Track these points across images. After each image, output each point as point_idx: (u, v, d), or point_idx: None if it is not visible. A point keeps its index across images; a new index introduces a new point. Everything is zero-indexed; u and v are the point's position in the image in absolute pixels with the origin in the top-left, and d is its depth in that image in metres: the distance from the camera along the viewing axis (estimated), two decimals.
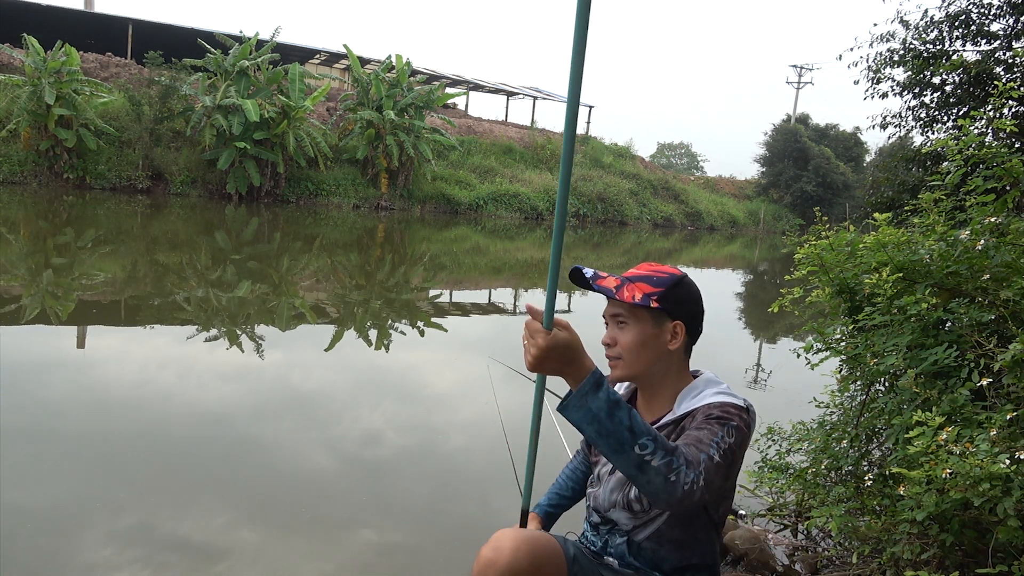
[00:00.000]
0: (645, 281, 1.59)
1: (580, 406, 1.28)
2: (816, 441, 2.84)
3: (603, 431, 1.28)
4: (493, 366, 4.56)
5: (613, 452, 1.29)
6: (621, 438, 1.28)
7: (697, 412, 1.53)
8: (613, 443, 1.28)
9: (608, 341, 1.62)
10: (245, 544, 2.88)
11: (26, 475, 3.30)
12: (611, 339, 1.61)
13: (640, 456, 1.27)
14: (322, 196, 24.11)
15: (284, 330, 6.97)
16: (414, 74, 27.82)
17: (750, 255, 24.90)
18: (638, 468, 1.28)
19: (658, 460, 1.28)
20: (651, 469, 1.27)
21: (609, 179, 32.04)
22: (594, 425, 1.28)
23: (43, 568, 2.59)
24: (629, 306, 1.58)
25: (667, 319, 1.59)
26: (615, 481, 1.65)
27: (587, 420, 1.28)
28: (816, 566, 2.84)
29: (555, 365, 1.29)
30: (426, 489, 3.56)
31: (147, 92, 21.18)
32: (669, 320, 1.59)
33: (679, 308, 1.59)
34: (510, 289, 11.89)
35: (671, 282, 1.60)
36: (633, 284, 1.59)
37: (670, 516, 1.58)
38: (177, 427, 4.08)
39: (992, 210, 2.45)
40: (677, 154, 75.67)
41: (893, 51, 7.36)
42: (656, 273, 1.61)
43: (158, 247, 12.16)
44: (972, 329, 2.25)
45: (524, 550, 1.52)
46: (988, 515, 1.83)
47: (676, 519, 1.58)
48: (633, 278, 1.60)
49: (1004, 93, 2.52)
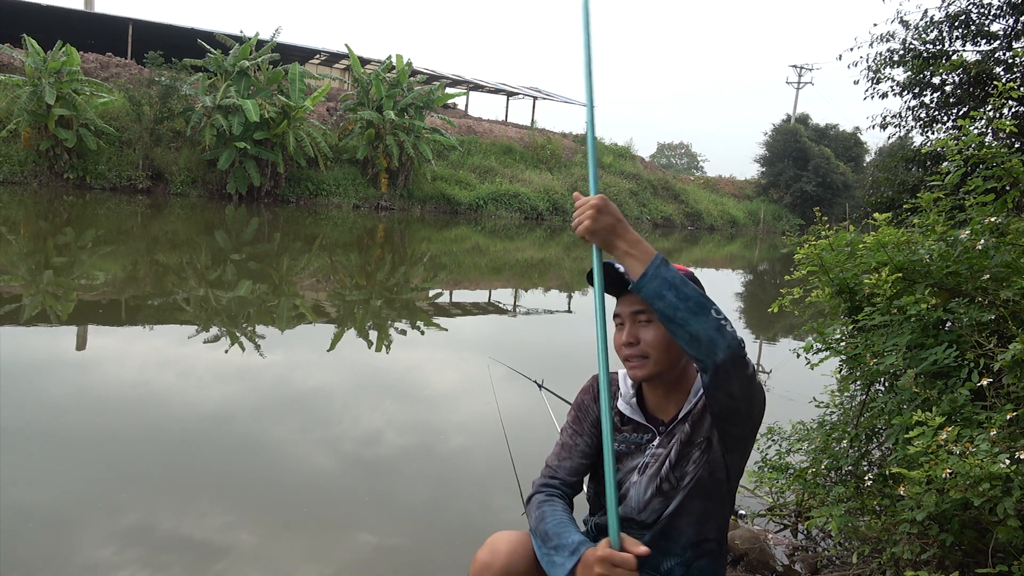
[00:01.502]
0: None
1: (657, 275, 1.39)
2: (816, 441, 2.84)
3: (683, 295, 1.39)
4: (493, 366, 4.57)
5: (693, 313, 1.38)
6: (701, 301, 1.40)
7: None
8: (693, 305, 1.38)
9: (631, 339, 1.58)
10: (245, 544, 2.88)
11: (27, 475, 3.30)
12: (633, 337, 1.57)
13: (718, 319, 1.40)
14: (322, 196, 24.11)
15: (284, 330, 6.98)
16: (414, 74, 27.81)
17: (750, 255, 24.90)
18: (717, 328, 1.39)
19: (730, 327, 1.42)
20: (726, 331, 1.40)
21: (609, 179, 32.04)
22: (673, 291, 1.38)
23: (43, 568, 2.59)
24: None
25: None
26: (647, 479, 1.62)
27: (666, 287, 1.39)
28: (816, 566, 2.84)
29: (610, 221, 1.44)
30: (426, 489, 3.56)
31: (147, 92, 21.18)
32: None
33: None
34: (510, 289, 11.89)
35: (688, 276, 1.59)
36: None
37: (692, 488, 1.57)
38: (177, 427, 4.08)
39: (992, 210, 2.45)
40: (677, 154, 75.64)
41: (893, 51, 7.35)
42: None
43: (158, 247, 12.17)
44: (972, 329, 2.25)
45: (520, 552, 1.52)
46: (988, 515, 1.83)
47: (698, 486, 1.57)
48: None
49: (1004, 93, 2.52)
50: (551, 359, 6.52)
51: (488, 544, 1.55)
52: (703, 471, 1.57)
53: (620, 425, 1.70)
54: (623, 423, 1.70)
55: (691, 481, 1.58)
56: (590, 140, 1.60)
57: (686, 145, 76.61)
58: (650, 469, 1.63)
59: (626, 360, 1.59)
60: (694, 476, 1.58)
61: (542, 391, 3.81)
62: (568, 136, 35.17)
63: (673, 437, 1.61)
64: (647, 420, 1.67)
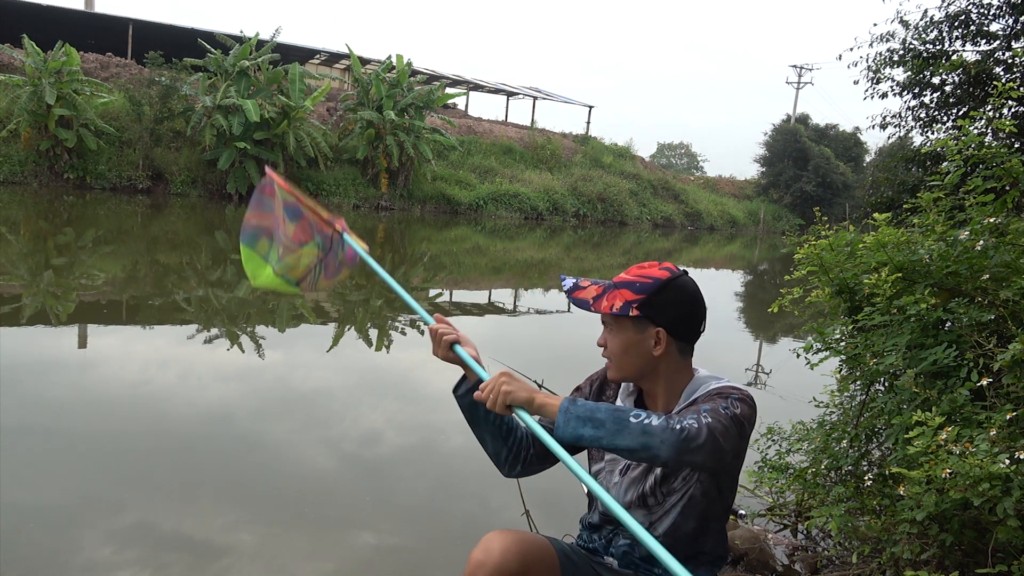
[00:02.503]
0: (628, 287, 1.59)
1: (568, 418, 1.39)
2: (816, 441, 2.84)
3: (599, 422, 1.37)
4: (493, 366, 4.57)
5: (616, 435, 1.36)
6: (617, 418, 1.37)
7: (701, 399, 1.56)
8: (612, 427, 1.37)
9: (601, 343, 1.65)
10: (245, 543, 2.88)
11: (27, 474, 3.30)
12: (603, 341, 1.65)
13: (639, 423, 1.37)
14: (322, 196, 24.10)
15: (284, 330, 6.98)
16: (414, 74, 27.81)
17: (750, 255, 24.91)
18: (643, 433, 1.36)
19: (656, 420, 1.38)
20: (653, 429, 1.36)
21: (609, 179, 32.03)
22: (589, 425, 1.38)
23: (44, 567, 2.59)
24: (610, 314, 1.59)
25: (650, 325, 1.57)
26: (628, 481, 1.65)
27: (580, 424, 1.38)
28: (816, 566, 2.84)
29: (522, 395, 1.46)
30: (426, 489, 3.57)
31: (147, 92, 21.17)
32: (652, 326, 1.57)
33: (662, 314, 1.57)
34: (510, 289, 11.89)
35: (654, 288, 1.57)
36: (615, 291, 1.59)
37: (684, 506, 1.58)
38: (178, 427, 4.08)
39: (992, 210, 2.45)
40: (677, 154, 75.65)
41: (893, 51, 7.36)
42: (641, 278, 1.59)
43: (158, 247, 12.17)
44: (972, 329, 2.25)
45: (514, 551, 1.53)
46: (988, 515, 1.83)
47: (689, 504, 1.58)
48: (619, 284, 1.60)
49: (1004, 93, 2.52)
50: (551, 359, 6.52)
51: (482, 543, 1.55)
52: (694, 489, 1.58)
53: None
54: None
55: (681, 499, 1.59)
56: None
57: (686, 145, 76.65)
58: (632, 471, 1.64)
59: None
60: (684, 494, 1.58)
61: (542, 391, 3.80)
62: (568, 136, 35.18)
63: None
64: None
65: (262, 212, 2.01)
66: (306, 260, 2.00)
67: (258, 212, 2.01)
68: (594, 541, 1.73)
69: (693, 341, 1.64)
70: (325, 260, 2.01)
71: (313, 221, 1.98)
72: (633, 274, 1.61)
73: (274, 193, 1.99)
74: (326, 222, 1.98)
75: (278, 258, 1.99)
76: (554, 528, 2.37)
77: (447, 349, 1.65)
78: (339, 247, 2.00)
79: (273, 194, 2.00)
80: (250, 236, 2.01)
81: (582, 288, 1.62)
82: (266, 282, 2.01)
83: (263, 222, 2.01)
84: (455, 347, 1.64)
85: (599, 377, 1.80)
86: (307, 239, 1.99)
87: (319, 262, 2.01)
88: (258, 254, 2.02)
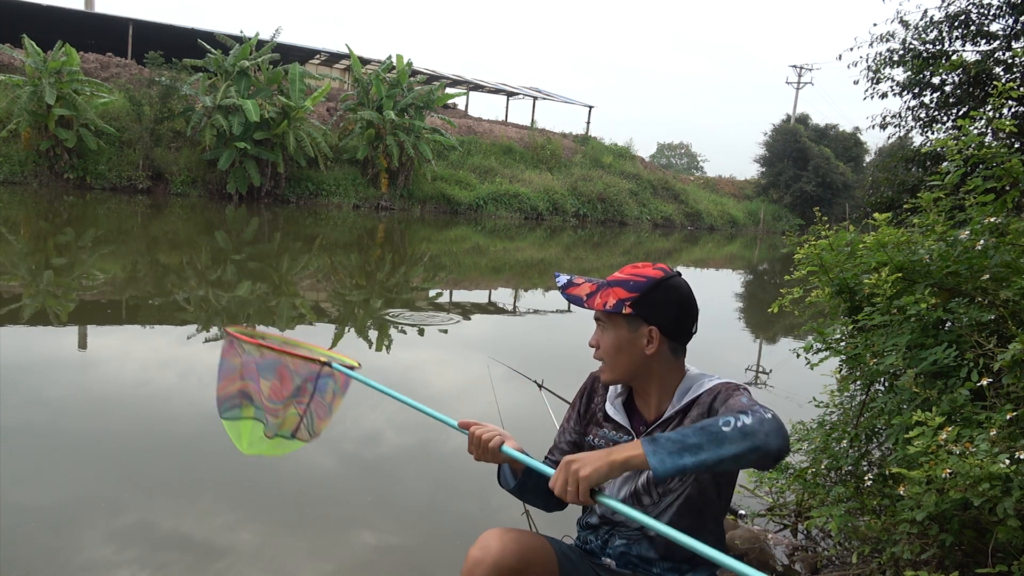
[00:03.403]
0: (622, 286, 1.59)
1: (661, 459, 1.29)
2: (816, 441, 2.84)
3: (695, 447, 1.29)
4: (493, 366, 4.57)
5: (719, 449, 1.29)
6: (710, 434, 1.30)
7: (702, 399, 1.57)
8: (711, 446, 1.29)
9: (593, 343, 1.65)
10: (245, 543, 2.88)
11: (27, 474, 3.30)
12: (595, 341, 1.64)
13: (734, 429, 1.30)
14: (322, 196, 24.11)
15: (284, 330, 6.98)
16: (414, 74, 27.81)
17: (750, 255, 24.91)
18: (744, 436, 1.30)
19: (746, 418, 1.32)
20: (751, 427, 1.30)
21: (609, 179, 32.03)
22: (686, 454, 1.29)
23: (44, 568, 2.59)
24: (604, 311, 1.59)
25: (642, 324, 1.58)
26: (621, 481, 1.66)
27: (676, 458, 1.29)
28: (816, 566, 2.84)
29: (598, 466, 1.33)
30: (426, 489, 3.57)
31: (147, 92, 21.18)
32: (644, 325, 1.58)
33: (654, 313, 1.58)
34: (510, 289, 11.89)
35: (648, 286, 1.58)
36: (609, 289, 1.60)
37: (680, 505, 1.59)
38: (178, 426, 4.08)
39: (992, 210, 2.45)
40: (677, 154, 75.64)
41: (893, 51, 7.36)
42: (635, 277, 1.60)
43: (158, 247, 12.17)
44: (972, 329, 2.25)
45: (512, 548, 1.53)
46: (988, 515, 1.83)
47: (686, 504, 1.59)
48: (613, 282, 1.61)
49: (1004, 93, 2.52)
50: (551, 359, 6.52)
51: (480, 541, 1.56)
52: (691, 489, 1.58)
53: (602, 421, 1.73)
54: (605, 419, 1.73)
55: (677, 499, 1.59)
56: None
57: (686, 145, 76.64)
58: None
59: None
60: (680, 494, 1.59)
61: (542, 391, 3.81)
62: (568, 136, 35.18)
63: None
64: (630, 422, 1.68)
65: (230, 377, 1.89)
66: (293, 410, 1.87)
67: (227, 379, 1.89)
68: (591, 542, 1.73)
69: (685, 341, 1.64)
70: (311, 405, 1.86)
71: (291, 366, 1.85)
72: (627, 273, 1.62)
73: (237, 353, 1.87)
74: (307, 358, 1.84)
75: (265, 421, 1.87)
76: (553, 529, 2.37)
77: (495, 453, 1.56)
78: (328, 380, 1.85)
79: (236, 355, 1.87)
80: (228, 407, 1.90)
81: (576, 285, 1.63)
82: (260, 449, 1.90)
83: (234, 387, 1.89)
84: (504, 448, 1.55)
85: (585, 389, 1.81)
86: (288, 391, 1.86)
87: (307, 409, 1.86)
88: (244, 418, 1.90)
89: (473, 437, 1.59)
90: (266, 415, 1.86)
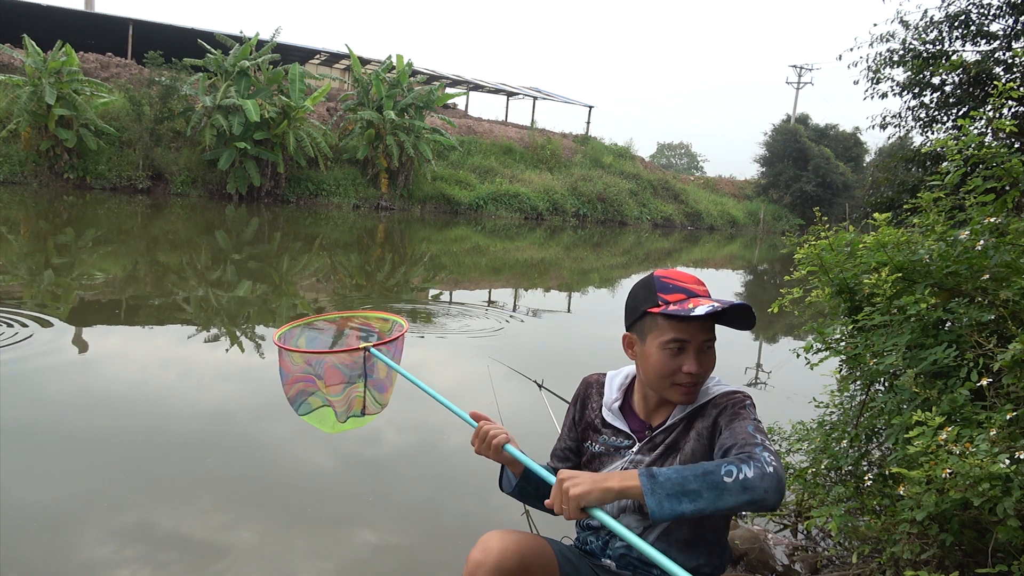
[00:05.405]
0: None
1: (659, 500, 1.29)
2: (816, 441, 2.84)
3: (694, 494, 1.30)
4: (493, 366, 4.57)
5: (717, 500, 1.30)
6: (711, 483, 1.30)
7: (708, 412, 1.56)
8: (710, 495, 1.30)
9: (700, 368, 1.56)
10: (245, 542, 2.88)
11: (27, 475, 3.30)
12: (701, 366, 1.56)
13: (736, 481, 1.30)
14: (322, 196, 24.12)
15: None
16: (414, 74, 27.82)
17: (750, 255, 24.90)
18: (744, 490, 1.30)
19: (748, 470, 1.32)
20: (752, 482, 1.31)
21: (609, 179, 32.04)
22: (685, 500, 1.29)
23: (44, 567, 2.59)
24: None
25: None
26: None
27: (675, 502, 1.30)
28: (816, 566, 2.84)
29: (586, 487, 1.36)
30: (425, 488, 3.57)
31: (147, 92, 21.19)
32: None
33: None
34: (510, 289, 11.89)
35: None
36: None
37: None
38: (178, 426, 4.08)
39: (992, 210, 2.45)
40: (677, 154, 75.64)
41: (893, 51, 7.37)
42: None
43: (158, 247, 12.17)
44: (972, 329, 2.25)
45: (512, 550, 1.53)
46: (988, 515, 1.83)
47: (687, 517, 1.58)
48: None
49: (1004, 93, 2.52)
50: (551, 359, 6.52)
51: (481, 543, 1.56)
52: None
53: (601, 427, 1.72)
54: (604, 425, 1.72)
55: None
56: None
57: (686, 145, 76.65)
58: None
59: (681, 386, 1.56)
60: None
61: (542, 391, 3.81)
62: (568, 136, 35.18)
63: (656, 447, 1.62)
64: (630, 426, 1.68)
65: (290, 380, 2.09)
66: (356, 394, 2.07)
67: (288, 383, 2.09)
68: (591, 543, 1.73)
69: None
70: (367, 385, 2.07)
71: (336, 362, 2.05)
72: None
73: (287, 362, 2.08)
74: (349, 350, 2.05)
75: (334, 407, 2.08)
76: (553, 529, 2.37)
77: (498, 451, 1.61)
78: (376, 361, 2.06)
79: (288, 363, 2.08)
80: (299, 404, 2.10)
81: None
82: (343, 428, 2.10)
83: (296, 387, 2.09)
84: (507, 447, 1.59)
85: (578, 396, 1.81)
86: (341, 382, 2.06)
87: (365, 390, 2.06)
88: (316, 408, 2.10)
89: (480, 430, 1.63)
90: (333, 404, 2.05)
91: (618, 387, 1.73)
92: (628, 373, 1.75)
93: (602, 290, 12.81)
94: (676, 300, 1.54)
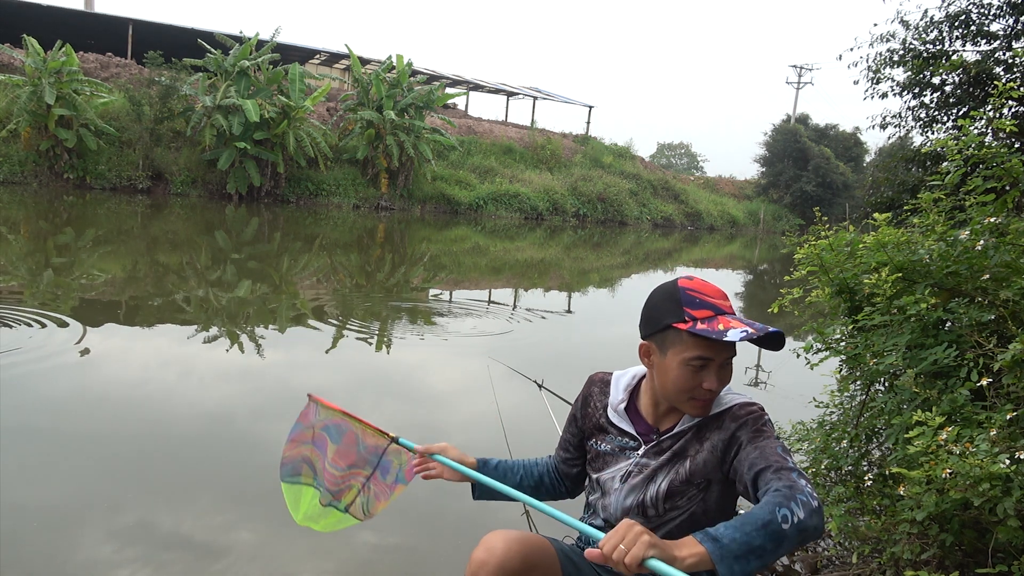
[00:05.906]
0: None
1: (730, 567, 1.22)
2: (816, 441, 2.84)
3: (760, 551, 1.24)
4: (493, 366, 4.57)
5: (778, 549, 1.26)
6: (771, 534, 1.25)
7: (725, 424, 1.54)
8: (773, 547, 1.25)
9: (719, 384, 1.54)
10: (245, 543, 2.88)
11: (27, 474, 3.30)
12: (720, 382, 1.54)
13: (792, 527, 1.27)
14: (322, 196, 24.12)
15: (284, 330, 6.98)
16: (414, 74, 27.82)
17: (750, 255, 24.90)
18: (800, 532, 1.28)
19: (799, 510, 1.29)
20: (805, 523, 1.28)
21: (609, 179, 32.04)
22: (752, 557, 1.24)
23: (44, 568, 2.59)
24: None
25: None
26: (628, 488, 1.64)
27: (745, 563, 1.23)
28: (816, 566, 2.84)
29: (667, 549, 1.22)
30: (425, 488, 3.56)
31: (147, 92, 21.19)
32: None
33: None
34: (510, 289, 11.89)
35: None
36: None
37: (684, 521, 1.59)
38: (178, 426, 4.08)
39: (992, 210, 2.45)
40: (677, 154, 75.62)
41: (893, 51, 7.37)
42: None
43: (158, 247, 12.17)
44: (972, 329, 2.25)
45: (515, 550, 1.53)
46: (988, 515, 1.83)
47: (690, 520, 1.59)
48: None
49: (1004, 93, 2.52)
50: (551, 359, 6.52)
51: (483, 543, 1.56)
52: (697, 507, 1.59)
53: (607, 427, 1.72)
54: (610, 425, 1.72)
55: (682, 514, 1.60)
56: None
57: (686, 145, 76.61)
58: (633, 479, 1.63)
59: (699, 400, 1.53)
60: (686, 511, 1.59)
61: (542, 391, 3.81)
62: (568, 136, 35.18)
63: (663, 452, 1.61)
64: (636, 427, 1.67)
65: (299, 438, 1.91)
66: (354, 483, 1.84)
67: (295, 440, 1.91)
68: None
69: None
70: (370, 482, 1.82)
71: (359, 434, 1.85)
72: None
73: (309, 417, 1.90)
74: (378, 430, 1.83)
75: (322, 489, 1.86)
76: (553, 529, 2.36)
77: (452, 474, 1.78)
78: (392, 460, 1.83)
79: (308, 417, 1.90)
80: (290, 471, 1.91)
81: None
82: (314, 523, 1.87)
83: (300, 451, 1.91)
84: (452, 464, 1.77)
85: (581, 395, 1.80)
86: (351, 459, 1.85)
87: (365, 484, 1.83)
88: (304, 484, 1.90)
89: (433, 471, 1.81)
90: (325, 483, 1.86)
91: (624, 388, 1.72)
92: (635, 374, 1.73)
93: (602, 290, 12.82)
94: (703, 317, 1.48)
